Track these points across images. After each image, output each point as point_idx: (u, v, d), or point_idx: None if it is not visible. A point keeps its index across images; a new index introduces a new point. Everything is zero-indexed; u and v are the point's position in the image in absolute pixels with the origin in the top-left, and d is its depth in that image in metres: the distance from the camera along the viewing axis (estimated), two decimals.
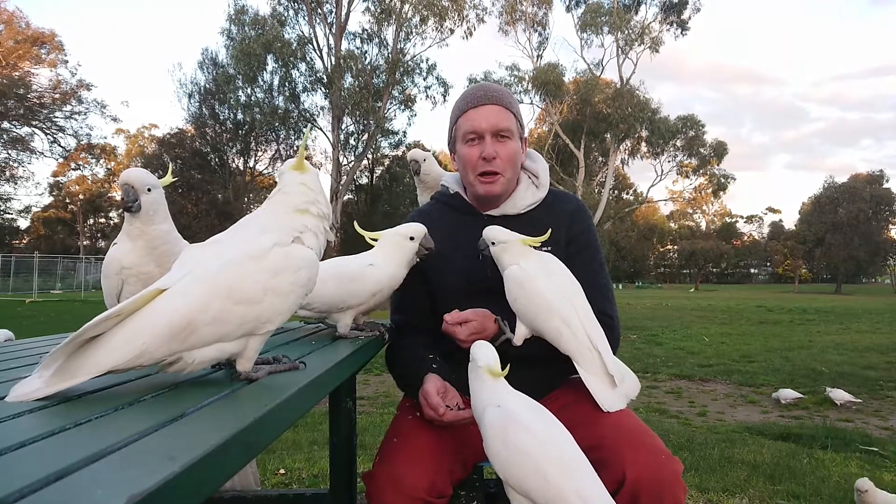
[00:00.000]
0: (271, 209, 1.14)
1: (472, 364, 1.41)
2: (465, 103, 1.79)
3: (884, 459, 4.12)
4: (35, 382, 0.89)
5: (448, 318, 1.62)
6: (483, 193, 1.79)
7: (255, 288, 0.98)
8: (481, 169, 1.76)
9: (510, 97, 1.81)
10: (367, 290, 1.59)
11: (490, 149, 1.74)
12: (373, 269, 1.60)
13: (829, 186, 57.35)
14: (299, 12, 25.25)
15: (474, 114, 1.75)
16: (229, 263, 0.97)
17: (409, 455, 1.48)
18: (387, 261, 1.63)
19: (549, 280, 1.57)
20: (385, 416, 5.14)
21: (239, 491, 2.31)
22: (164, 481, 0.54)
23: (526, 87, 29.42)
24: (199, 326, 0.92)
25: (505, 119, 1.75)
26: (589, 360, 1.52)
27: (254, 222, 1.11)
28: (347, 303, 1.58)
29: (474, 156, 1.75)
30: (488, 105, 1.75)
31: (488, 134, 1.74)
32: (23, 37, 31.11)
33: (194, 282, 0.94)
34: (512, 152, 1.76)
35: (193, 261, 0.99)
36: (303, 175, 1.16)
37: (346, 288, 1.57)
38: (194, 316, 0.92)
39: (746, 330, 14.38)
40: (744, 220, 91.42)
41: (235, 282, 0.96)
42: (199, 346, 0.95)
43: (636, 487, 1.34)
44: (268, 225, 1.08)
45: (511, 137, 1.76)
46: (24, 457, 0.63)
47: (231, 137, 31.48)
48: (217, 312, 0.94)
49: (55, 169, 46.80)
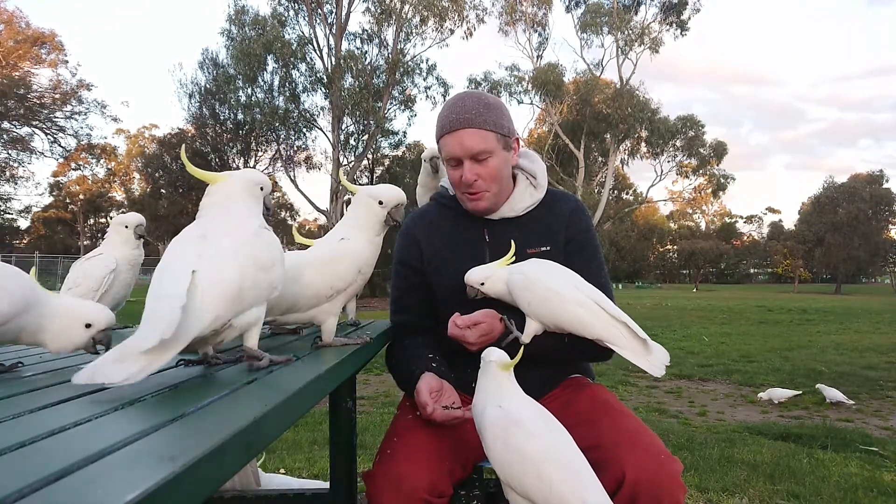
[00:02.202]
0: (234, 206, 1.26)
1: (482, 362, 1.41)
2: (440, 126, 1.75)
3: (884, 459, 4.12)
4: (134, 363, 0.89)
5: (458, 322, 1.61)
6: (471, 209, 1.80)
7: (268, 257, 1.16)
8: (464, 190, 1.76)
9: (485, 113, 1.71)
10: (350, 265, 1.48)
11: (469, 174, 1.71)
12: (347, 243, 1.50)
13: (829, 186, 57.34)
14: (299, 13, 25.26)
15: (450, 139, 1.71)
16: (244, 241, 1.14)
17: (410, 455, 1.48)
18: (358, 229, 1.52)
19: (550, 275, 1.59)
20: (385, 416, 5.14)
21: (239, 491, 2.31)
22: (164, 481, 0.54)
23: (526, 87, 29.43)
24: (245, 290, 1.09)
25: (480, 141, 1.69)
26: (618, 336, 1.52)
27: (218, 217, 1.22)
28: (335, 286, 1.46)
29: (457, 178, 1.75)
30: (460, 130, 1.69)
31: (466, 159, 1.71)
32: (23, 37, 31.09)
33: (222, 257, 1.09)
34: (493, 171, 1.73)
35: (194, 246, 1.10)
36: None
37: (329, 270, 1.46)
38: (240, 282, 1.08)
39: (746, 330, 14.38)
40: (743, 221, 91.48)
41: (256, 253, 1.14)
42: (244, 310, 1.12)
43: (635, 487, 1.34)
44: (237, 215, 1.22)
45: (491, 156, 1.71)
46: (24, 456, 0.63)
47: (231, 138, 31.43)
48: (252, 279, 1.11)
49: (55, 169, 46.82)
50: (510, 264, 1.66)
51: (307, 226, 58.61)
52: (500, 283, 1.63)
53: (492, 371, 1.38)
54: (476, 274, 1.65)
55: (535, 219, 1.84)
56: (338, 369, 1.25)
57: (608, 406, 1.63)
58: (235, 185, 1.25)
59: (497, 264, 1.66)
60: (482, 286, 1.65)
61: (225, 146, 31.94)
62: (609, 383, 6.80)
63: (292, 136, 27.08)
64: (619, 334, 1.52)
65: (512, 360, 1.38)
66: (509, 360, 1.38)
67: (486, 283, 1.64)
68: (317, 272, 1.45)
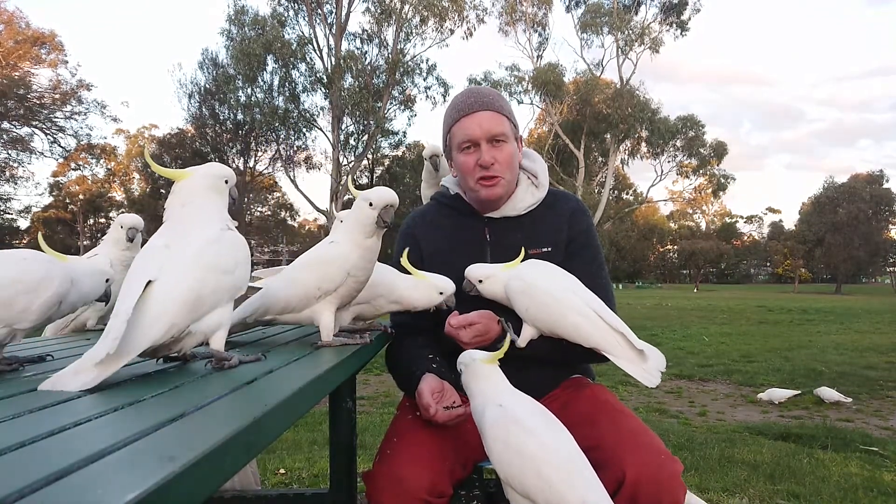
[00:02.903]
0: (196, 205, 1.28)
1: (465, 367, 1.42)
2: (456, 111, 1.77)
3: (884, 459, 4.12)
4: (87, 373, 0.99)
5: (452, 322, 1.62)
6: (485, 197, 1.79)
7: (230, 260, 1.18)
8: (480, 174, 1.75)
9: (501, 100, 1.79)
10: (338, 268, 1.48)
11: (487, 156, 1.72)
12: (336, 246, 1.51)
13: (829, 187, 57.36)
14: (299, 13, 25.28)
15: (467, 121, 1.73)
16: (204, 247, 1.16)
17: (410, 455, 1.48)
18: (348, 233, 1.53)
19: (549, 281, 1.58)
20: (385, 416, 5.14)
21: (239, 491, 2.31)
22: (163, 481, 0.54)
23: (526, 87, 29.43)
24: (204, 296, 1.12)
25: (498, 124, 1.73)
26: (615, 345, 1.52)
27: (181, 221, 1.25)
28: (323, 287, 1.48)
29: (471, 163, 1.75)
30: (480, 112, 1.73)
31: (483, 141, 1.73)
32: (23, 37, 31.08)
33: (180, 266, 1.11)
34: (509, 155, 1.75)
35: (156, 257, 1.13)
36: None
37: (317, 272, 1.49)
38: (198, 289, 1.11)
39: (746, 330, 14.38)
40: (744, 221, 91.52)
41: (217, 258, 1.16)
42: (206, 314, 1.15)
43: (636, 487, 1.34)
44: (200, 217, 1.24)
45: (507, 141, 1.75)
46: (24, 456, 0.63)
47: (231, 138, 31.44)
48: (213, 284, 1.14)
49: (55, 169, 46.78)
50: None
51: (307, 226, 58.50)
52: (499, 285, 1.63)
53: (480, 370, 1.38)
54: (477, 271, 1.65)
55: (537, 219, 1.84)
56: (338, 369, 1.25)
57: (608, 406, 1.63)
58: (198, 182, 1.25)
59: (502, 267, 1.64)
60: (480, 283, 1.64)
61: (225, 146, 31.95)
62: (609, 383, 6.79)
63: (292, 136, 27.09)
64: (616, 343, 1.52)
65: (494, 353, 1.38)
66: (491, 355, 1.38)
67: (485, 282, 1.64)
68: (307, 274, 1.51)
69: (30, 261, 1.22)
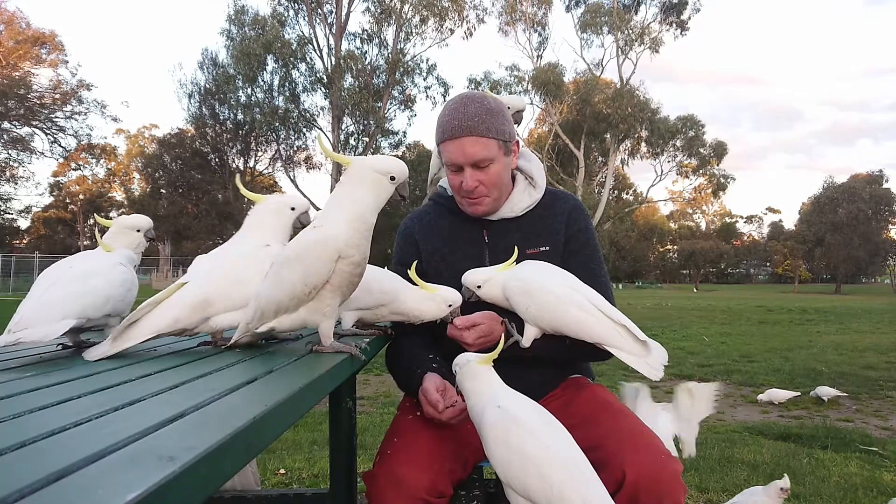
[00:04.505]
0: (253, 226, 1.61)
1: (460, 368, 1.42)
2: (441, 131, 1.73)
3: (884, 459, 4.11)
4: (103, 346, 1.34)
5: (457, 323, 1.61)
6: (470, 213, 1.80)
7: (249, 274, 1.41)
8: (464, 195, 1.76)
9: (488, 120, 1.68)
10: (323, 253, 1.28)
11: (470, 181, 1.70)
12: (318, 230, 1.32)
13: (829, 186, 57.39)
14: (299, 12, 25.30)
15: (451, 146, 1.70)
16: (228, 259, 1.46)
17: (410, 455, 1.48)
18: (340, 210, 1.33)
19: (547, 278, 1.59)
20: (385, 416, 5.14)
21: (239, 491, 2.31)
22: (164, 481, 0.54)
23: (526, 87, 29.44)
24: (213, 300, 1.39)
25: (483, 149, 1.68)
26: (618, 339, 1.52)
27: (238, 235, 1.60)
28: (310, 282, 1.29)
29: (457, 183, 1.74)
30: (464, 137, 1.67)
31: (467, 166, 1.70)
32: (23, 37, 31.10)
33: (202, 273, 1.44)
34: (495, 175, 1.72)
35: (200, 263, 1.50)
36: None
37: (300, 265, 1.29)
38: (209, 293, 1.39)
39: (746, 330, 14.37)
40: (744, 220, 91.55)
41: (236, 270, 1.43)
42: (220, 313, 1.41)
43: (636, 488, 1.34)
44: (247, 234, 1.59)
45: (492, 162, 1.71)
46: (24, 456, 0.63)
47: (231, 137, 31.45)
48: (226, 292, 1.41)
49: (55, 169, 46.87)
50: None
51: None
52: (497, 287, 1.63)
53: (476, 372, 1.38)
54: (474, 276, 1.65)
55: (535, 219, 1.83)
56: (338, 369, 1.25)
57: (608, 406, 1.63)
58: (264, 206, 1.58)
59: (498, 269, 1.65)
60: (479, 289, 1.65)
61: (225, 146, 31.96)
62: (609, 383, 6.78)
63: (292, 136, 27.10)
64: (619, 336, 1.52)
65: (489, 354, 1.38)
66: (486, 356, 1.39)
67: (483, 287, 1.64)
68: (289, 270, 1.30)
69: (124, 265, 1.55)
